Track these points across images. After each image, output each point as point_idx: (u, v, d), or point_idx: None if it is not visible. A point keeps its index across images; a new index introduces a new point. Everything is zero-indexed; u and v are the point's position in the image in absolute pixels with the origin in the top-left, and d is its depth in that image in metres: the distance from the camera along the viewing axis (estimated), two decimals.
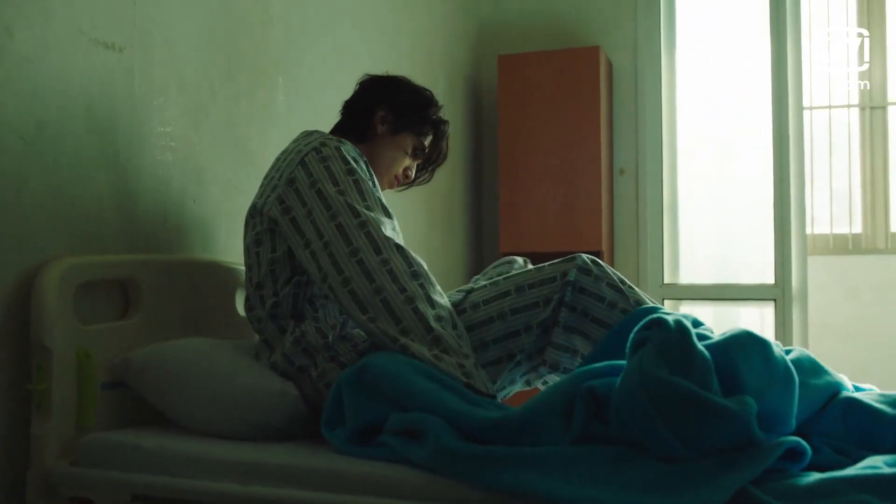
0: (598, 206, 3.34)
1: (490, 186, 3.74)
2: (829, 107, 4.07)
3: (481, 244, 3.80)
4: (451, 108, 3.48)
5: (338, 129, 1.85)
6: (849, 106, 4.05)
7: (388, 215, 1.58)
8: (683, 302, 3.54)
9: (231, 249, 2.02)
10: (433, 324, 1.43)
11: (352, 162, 1.59)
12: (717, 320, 3.54)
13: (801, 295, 3.33)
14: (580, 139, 3.36)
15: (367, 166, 1.65)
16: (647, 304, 1.47)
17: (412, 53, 3.13)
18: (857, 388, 1.39)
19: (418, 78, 3.15)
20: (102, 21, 1.66)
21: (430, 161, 1.90)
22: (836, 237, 4.05)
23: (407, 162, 1.84)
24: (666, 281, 3.49)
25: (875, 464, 1.12)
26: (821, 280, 3.64)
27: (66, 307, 1.48)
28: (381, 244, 1.49)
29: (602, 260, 1.59)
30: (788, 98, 3.34)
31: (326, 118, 2.47)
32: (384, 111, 1.80)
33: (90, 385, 1.51)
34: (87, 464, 1.43)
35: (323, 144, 1.60)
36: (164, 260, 1.78)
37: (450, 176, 3.50)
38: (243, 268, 1.97)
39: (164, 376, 1.55)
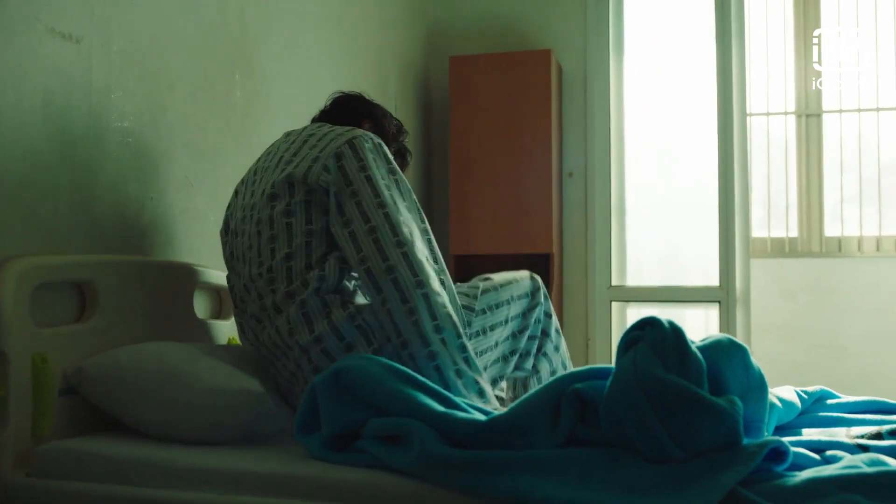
0: (548, 208, 3.36)
1: (440, 188, 3.73)
2: (768, 114, 4.17)
3: None
4: (403, 108, 3.46)
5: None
6: (786, 113, 4.17)
7: (423, 220, 1.63)
8: (631, 304, 3.59)
9: (190, 249, 1.96)
10: (461, 329, 1.51)
11: (393, 162, 1.62)
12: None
13: (745, 297, 3.41)
14: (531, 141, 3.38)
15: None
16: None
17: (365, 52, 3.10)
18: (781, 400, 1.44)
19: (372, 76, 3.13)
20: (59, 10, 1.59)
21: None
22: (774, 241, 4.15)
23: None
24: (613, 283, 3.54)
25: (854, 463, 1.14)
26: (759, 282, 3.73)
27: (22, 310, 1.41)
28: (423, 251, 1.55)
29: (552, 262, 1.66)
30: (733, 104, 3.42)
31: (282, 115, 2.42)
32: (369, 125, 1.86)
33: (46, 392, 1.45)
34: (44, 475, 1.36)
35: (369, 137, 1.60)
36: (123, 261, 1.72)
37: None
38: (202, 268, 1.92)
39: (120, 384, 1.49)
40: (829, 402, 1.58)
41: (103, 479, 1.31)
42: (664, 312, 3.62)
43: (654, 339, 1.17)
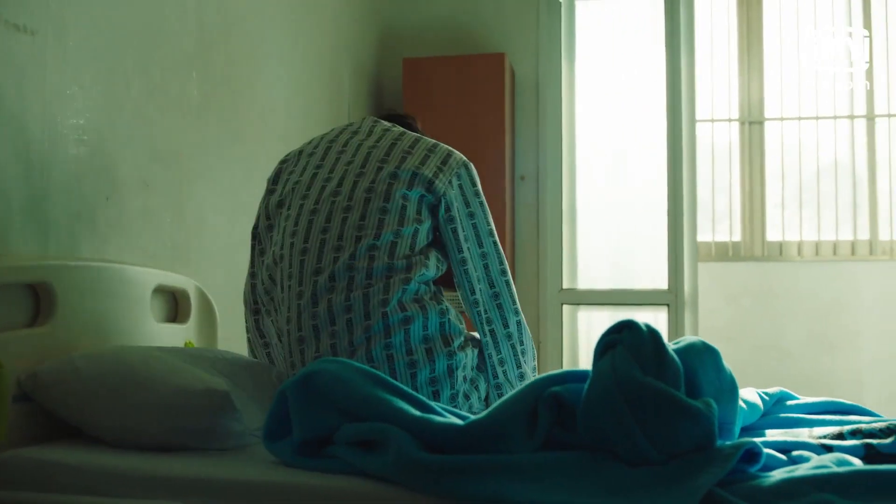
0: (502, 211, 3.37)
1: None
2: (713, 120, 4.27)
3: None
4: (356, 109, 3.43)
5: None
6: (729, 120, 4.26)
7: None
8: (581, 307, 3.62)
9: (145, 250, 1.91)
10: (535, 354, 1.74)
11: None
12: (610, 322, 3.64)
13: (693, 300, 3.47)
14: (483, 145, 3.39)
15: None
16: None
17: (319, 52, 3.07)
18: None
19: (325, 77, 3.10)
20: (13, 0, 1.53)
21: None
22: (718, 245, 4.25)
23: None
24: (565, 286, 3.57)
25: (824, 463, 1.17)
26: (703, 285, 3.81)
27: None
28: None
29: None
30: (682, 110, 3.49)
31: (238, 114, 2.38)
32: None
33: (2, 398, 1.39)
34: (2, 485, 1.30)
35: (467, 160, 1.69)
36: (78, 263, 1.66)
37: None
38: (159, 271, 1.87)
39: (77, 389, 1.44)
40: (789, 402, 1.62)
41: (66, 489, 1.27)
42: (614, 315, 3.67)
43: (631, 342, 1.18)
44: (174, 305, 2.00)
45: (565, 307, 3.56)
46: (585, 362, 3.58)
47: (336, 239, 1.55)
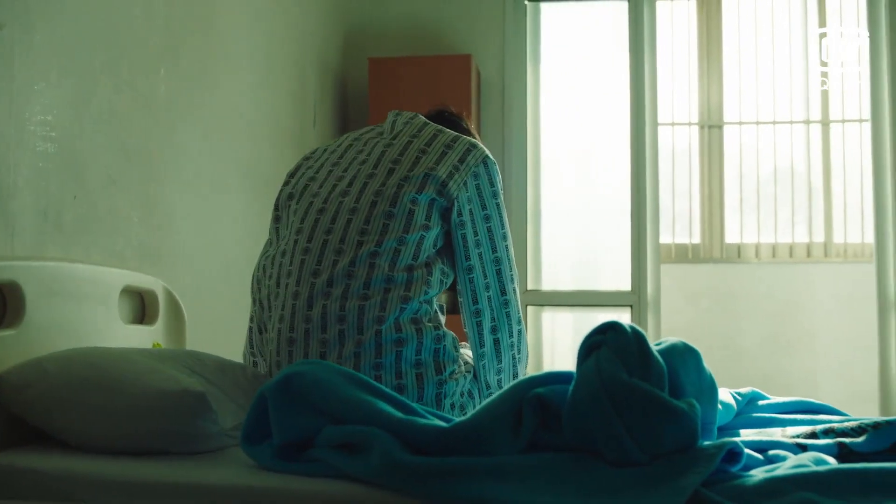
0: None
1: None
2: (673, 124, 4.33)
3: None
4: (322, 107, 3.41)
5: None
6: (689, 124, 4.33)
7: None
8: (546, 308, 3.65)
9: (113, 250, 1.87)
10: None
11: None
12: (577, 326, 3.68)
13: (655, 301, 3.51)
14: None
15: None
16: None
17: (286, 51, 3.04)
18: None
19: (291, 75, 3.07)
20: None
21: None
22: (678, 246, 4.31)
23: None
24: (529, 287, 3.58)
25: (803, 462, 1.19)
26: (665, 286, 3.86)
27: None
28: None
29: None
30: (645, 114, 3.53)
31: (206, 111, 2.35)
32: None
33: None
34: None
35: (491, 157, 1.62)
36: (44, 263, 1.62)
37: None
38: (127, 271, 1.83)
39: (47, 392, 1.40)
40: (761, 402, 1.65)
41: (41, 497, 1.23)
42: (578, 317, 3.70)
43: (616, 343, 1.19)
44: (142, 306, 1.96)
45: (530, 308, 3.58)
46: (549, 363, 3.60)
47: (338, 242, 1.50)
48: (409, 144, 1.58)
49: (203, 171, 2.35)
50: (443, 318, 1.57)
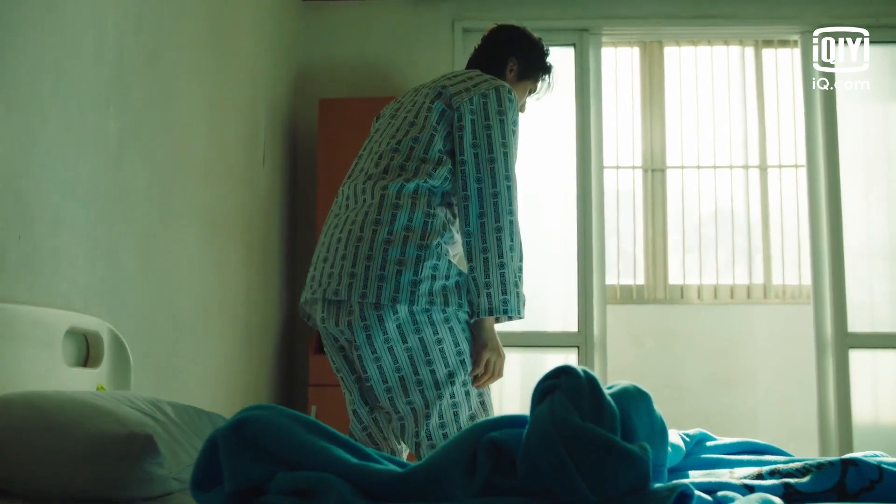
0: None
1: (307, 227, 3.68)
2: (618, 167, 4.42)
3: (296, 287, 3.72)
4: (272, 147, 3.40)
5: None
6: (633, 167, 4.43)
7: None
8: None
9: (59, 292, 1.83)
10: (522, 257, 1.92)
11: (517, 114, 1.97)
12: (526, 367, 3.69)
13: (601, 342, 3.56)
14: None
15: None
16: None
17: (236, 91, 3.04)
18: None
19: (241, 115, 3.06)
20: None
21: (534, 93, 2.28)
22: (623, 287, 4.38)
23: (525, 100, 2.24)
24: None
25: (751, 502, 1.21)
26: (610, 326, 3.92)
27: None
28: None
29: None
30: (591, 157, 3.60)
31: (156, 149, 2.33)
32: (513, 62, 2.16)
33: None
34: None
35: (510, 90, 1.97)
36: None
37: (267, 217, 3.41)
38: (71, 312, 1.80)
39: None
40: (708, 444, 1.68)
41: None
42: (526, 357, 3.72)
43: (569, 387, 1.20)
44: (86, 348, 1.92)
45: None
46: (498, 402, 3.61)
47: (378, 147, 1.97)
48: (447, 79, 2.01)
49: (152, 210, 2.32)
50: (438, 209, 1.86)
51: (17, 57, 1.71)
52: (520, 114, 2.11)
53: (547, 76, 2.26)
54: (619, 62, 4.39)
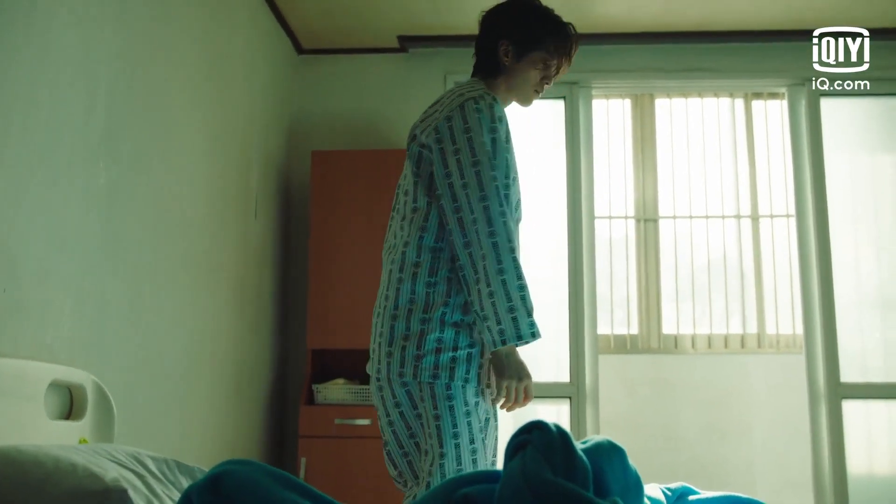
0: None
1: (299, 280, 3.69)
2: (610, 217, 4.45)
3: (287, 339, 3.72)
4: (264, 200, 3.43)
5: (476, 72, 2.05)
6: (626, 217, 4.46)
7: (507, 176, 1.86)
8: None
9: (44, 344, 1.84)
10: (521, 270, 1.82)
11: (497, 121, 1.86)
12: (518, 419, 3.67)
13: (594, 392, 3.54)
14: None
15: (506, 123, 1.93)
16: None
17: (228, 142, 3.08)
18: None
19: (234, 166, 3.10)
20: None
21: (560, 64, 2.07)
22: (616, 337, 4.37)
23: (540, 74, 2.04)
24: None
25: None
26: (603, 376, 3.91)
27: None
28: (501, 204, 1.81)
29: None
30: (582, 207, 3.63)
31: (146, 202, 2.35)
32: (504, 45, 2.00)
33: None
34: None
35: (481, 97, 1.87)
36: None
37: (259, 268, 3.42)
38: (55, 365, 1.80)
39: None
40: (691, 498, 1.66)
41: None
42: (519, 409, 3.69)
43: (541, 442, 1.20)
44: (70, 401, 1.92)
45: None
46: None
47: (398, 197, 2.02)
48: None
49: (142, 262, 2.34)
50: (440, 274, 1.84)
51: (6, 110, 1.74)
52: (525, 106, 2.10)
53: (555, 42, 2.01)
54: (611, 113, 4.45)
